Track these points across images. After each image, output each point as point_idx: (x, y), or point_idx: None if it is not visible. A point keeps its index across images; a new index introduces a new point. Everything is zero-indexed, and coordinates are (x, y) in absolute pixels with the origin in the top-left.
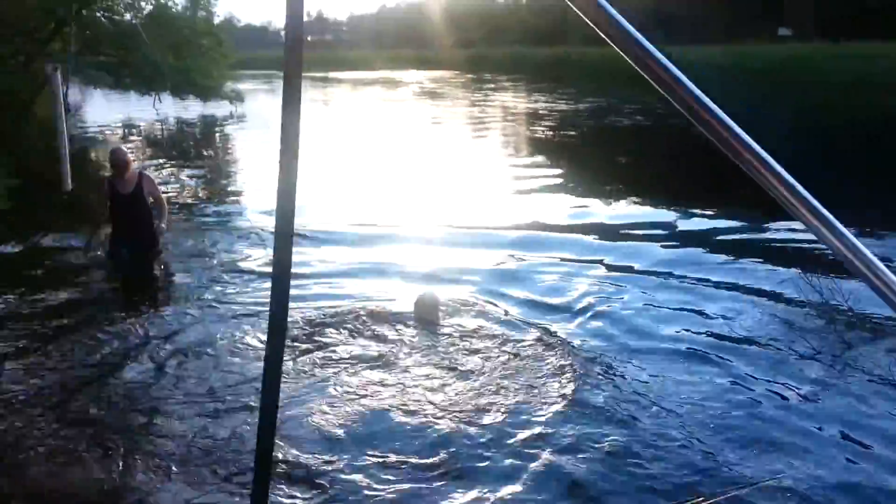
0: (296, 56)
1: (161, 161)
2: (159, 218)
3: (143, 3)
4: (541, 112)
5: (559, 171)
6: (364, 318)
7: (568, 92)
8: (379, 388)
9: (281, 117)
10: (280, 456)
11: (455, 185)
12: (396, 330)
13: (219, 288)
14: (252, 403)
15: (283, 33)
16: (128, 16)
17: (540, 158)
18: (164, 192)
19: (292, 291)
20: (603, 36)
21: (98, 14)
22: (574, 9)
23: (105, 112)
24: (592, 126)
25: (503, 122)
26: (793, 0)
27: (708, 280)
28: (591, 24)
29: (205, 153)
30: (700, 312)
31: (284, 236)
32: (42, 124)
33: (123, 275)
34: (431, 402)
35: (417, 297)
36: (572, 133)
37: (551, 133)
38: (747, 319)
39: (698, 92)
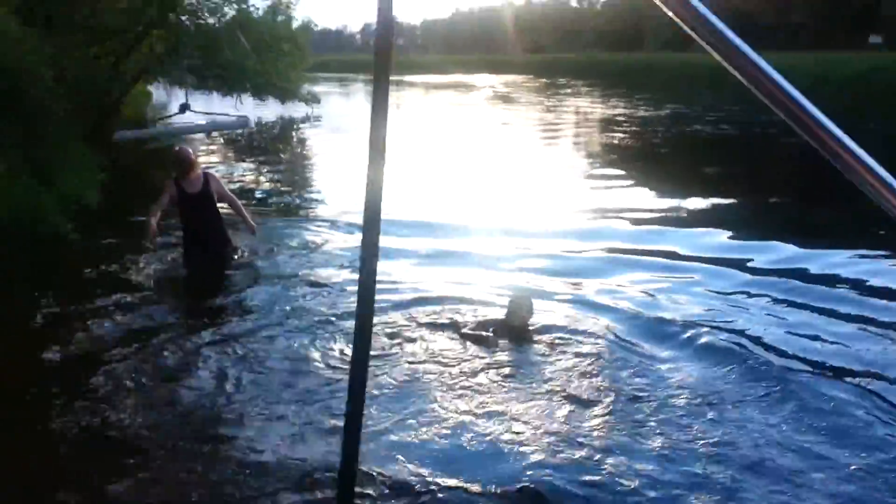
0: (385, 61)
1: (243, 159)
2: (241, 216)
3: (226, 9)
4: (619, 118)
5: (644, 181)
6: (449, 325)
7: (645, 97)
8: (469, 406)
9: (370, 122)
10: (362, 477)
11: (542, 197)
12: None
13: (297, 293)
14: (333, 421)
15: (358, 37)
16: (212, 19)
17: (621, 169)
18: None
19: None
20: (692, 34)
21: (183, 18)
22: (662, 7)
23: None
24: (675, 133)
25: (584, 129)
26: (886, 8)
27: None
28: (680, 22)
29: (282, 153)
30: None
31: (371, 244)
32: (132, 124)
33: (199, 274)
34: (530, 428)
35: (513, 296)
36: (655, 140)
37: (633, 140)
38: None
39: (796, 92)
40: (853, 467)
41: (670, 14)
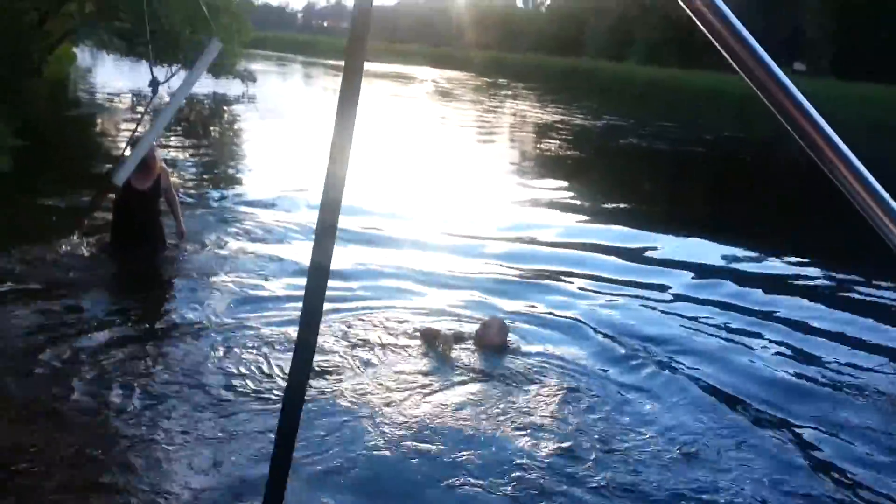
0: (358, 50)
1: (170, 136)
2: (175, 218)
3: None
4: (557, 125)
5: (581, 190)
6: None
7: (582, 105)
8: (418, 425)
9: (336, 110)
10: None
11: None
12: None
13: (225, 294)
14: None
15: (300, 16)
16: None
17: (563, 180)
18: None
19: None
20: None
21: None
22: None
23: (114, 79)
24: (613, 146)
25: (522, 133)
26: (811, 36)
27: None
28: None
29: (214, 134)
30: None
31: (326, 234)
32: (52, 87)
33: (124, 267)
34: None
35: (484, 322)
36: (591, 151)
37: (570, 148)
38: None
39: (794, 90)
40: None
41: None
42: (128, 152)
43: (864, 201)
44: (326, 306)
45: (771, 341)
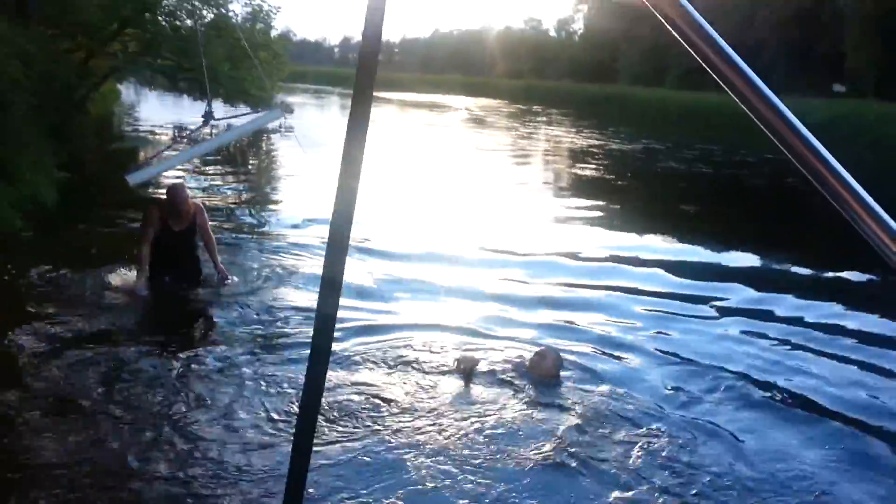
0: (369, 74)
1: (208, 168)
2: (213, 259)
3: (204, 12)
4: (592, 150)
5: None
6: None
7: (618, 130)
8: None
9: (346, 132)
10: None
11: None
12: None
13: (264, 322)
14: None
15: (337, 50)
16: (189, 22)
17: (596, 200)
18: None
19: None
20: (679, 37)
21: (160, 17)
22: (650, 7)
23: (157, 113)
24: (651, 168)
25: (557, 157)
26: (852, 60)
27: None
28: (668, 25)
29: (251, 164)
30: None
31: (337, 251)
32: (97, 123)
33: (161, 295)
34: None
35: (539, 351)
36: (628, 174)
37: (606, 172)
38: None
39: (782, 107)
40: None
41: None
42: (153, 162)
43: (854, 212)
44: (363, 324)
45: (841, 357)
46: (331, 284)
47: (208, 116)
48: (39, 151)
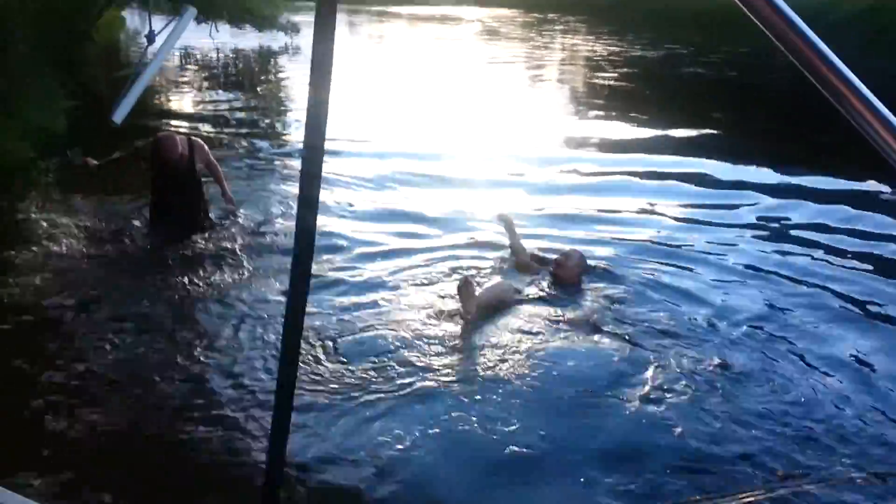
0: None
1: (216, 91)
2: (221, 187)
3: None
4: (613, 59)
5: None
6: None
7: (638, 36)
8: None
9: (312, 45)
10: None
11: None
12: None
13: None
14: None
15: None
16: None
17: (631, 111)
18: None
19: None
20: None
21: None
22: None
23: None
24: (674, 75)
25: (579, 68)
26: None
27: None
28: None
29: (261, 87)
30: None
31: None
32: (104, 51)
33: (161, 243)
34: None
35: (562, 254)
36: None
37: (629, 82)
38: None
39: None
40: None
41: None
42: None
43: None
44: (383, 248)
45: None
46: (308, 202)
47: (151, 36)
48: (46, 81)
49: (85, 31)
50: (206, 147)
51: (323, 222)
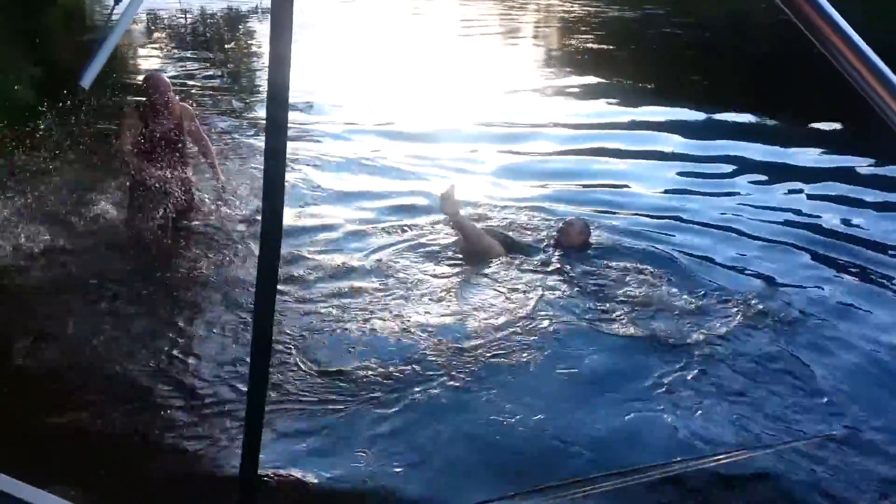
0: None
1: (184, 54)
2: (211, 166)
3: None
4: (589, 20)
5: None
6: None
7: None
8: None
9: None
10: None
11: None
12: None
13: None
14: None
15: None
16: None
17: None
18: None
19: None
20: None
21: None
22: None
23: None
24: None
25: (554, 30)
26: None
27: None
28: None
29: (232, 53)
30: None
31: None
32: (69, 15)
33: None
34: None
35: (567, 220)
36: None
37: (605, 44)
38: None
39: None
40: None
41: None
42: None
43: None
44: (346, 231)
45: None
46: (275, 154)
47: None
48: (9, 49)
49: None
50: (192, 113)
51: (290, 204)
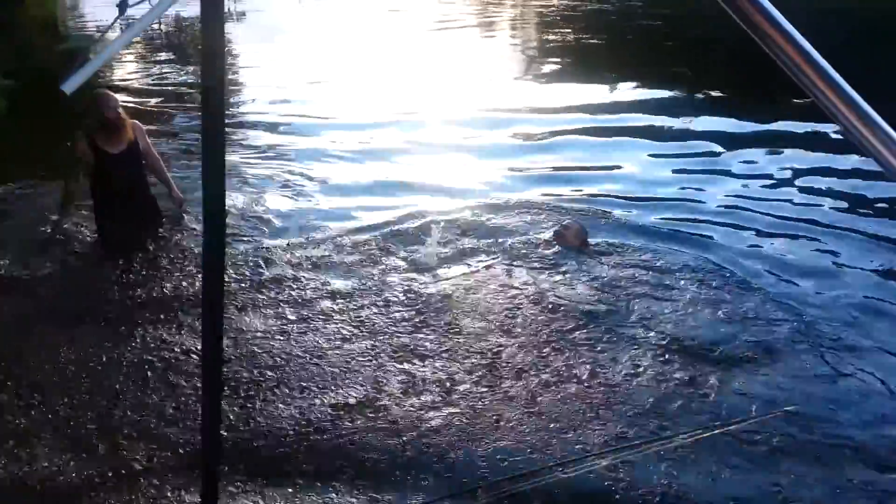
0: None
1: (160, 64)
2: (165, 184)
3: None
4: (570, 13)
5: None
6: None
7: None
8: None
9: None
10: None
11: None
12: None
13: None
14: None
15: None
16: None
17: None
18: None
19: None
20: None
21: None
22: None
23: (102, 8)
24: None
25: (533, 25)
26: None
27: None
28: None
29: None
30: None
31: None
32: (40, 21)
33: (117, 252)
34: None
35: (564, 224)
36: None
37: (584, 35)
38: None
39: None
40: None
41: None
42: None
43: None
44: (335, 223)
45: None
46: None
47: (123, 5)
48: None
49: (18, 2)
50: (143, 130)
51: (268, 200)
